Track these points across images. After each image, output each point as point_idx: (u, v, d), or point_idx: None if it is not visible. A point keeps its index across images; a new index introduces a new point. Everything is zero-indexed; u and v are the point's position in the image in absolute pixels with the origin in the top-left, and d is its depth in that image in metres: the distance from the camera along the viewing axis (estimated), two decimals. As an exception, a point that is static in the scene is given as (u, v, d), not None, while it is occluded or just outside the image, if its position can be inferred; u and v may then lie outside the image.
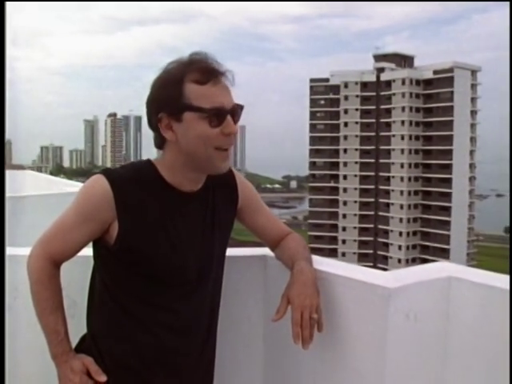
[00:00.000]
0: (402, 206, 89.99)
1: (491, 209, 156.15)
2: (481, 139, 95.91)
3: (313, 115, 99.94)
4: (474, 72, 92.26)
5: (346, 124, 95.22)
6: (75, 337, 2.01)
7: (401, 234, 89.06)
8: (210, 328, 2.05)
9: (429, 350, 2.00)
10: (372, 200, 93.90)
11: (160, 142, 1.94)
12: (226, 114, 1.85)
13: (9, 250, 2.41)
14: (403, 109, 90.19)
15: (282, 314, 1.89)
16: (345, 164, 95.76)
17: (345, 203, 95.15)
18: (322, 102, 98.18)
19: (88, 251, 1.99)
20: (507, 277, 1.95)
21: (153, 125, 1.91)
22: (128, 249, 1.86)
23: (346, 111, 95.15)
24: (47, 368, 2.25)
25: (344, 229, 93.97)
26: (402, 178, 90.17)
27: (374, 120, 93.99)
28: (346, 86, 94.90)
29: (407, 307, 1.92)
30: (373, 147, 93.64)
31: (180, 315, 1.95)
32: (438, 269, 2.14)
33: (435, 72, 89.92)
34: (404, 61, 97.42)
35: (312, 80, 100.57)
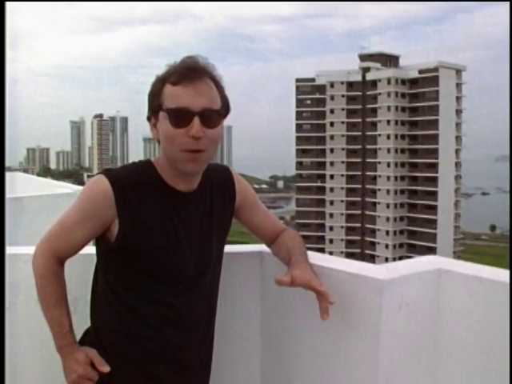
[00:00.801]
0: (388, 205, 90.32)
1: (477, 207, 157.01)
2: (466, 138, 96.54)
3: (299, 115, 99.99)
4: (458, 71, 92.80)
5: (332, 124, 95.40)
6: (77, 331, 2.07)
7: (387, 232, 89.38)
8: (208, 324, 2.12)
9: (420, 339, 2.09)
10: (359, 199, 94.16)
11: (156, 141, 2.01)
12: (191, 116, 1.86)
13: (9, 249, 2.45)
14: (389, 108, 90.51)
15: (285, 282, 1.91)
16: (331, 164, 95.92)
17: (332, 203, 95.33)
18: (308, 101, 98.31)
19: (88, 249, 2.06)
20: (493, 268, 2.09)
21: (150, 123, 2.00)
22: (128, 246, 1.92)
23: (332, 111, 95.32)
24: (47, 363, 2.34)
25: (331, 228, 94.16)
26: (388, 178, 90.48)
27: (360, 119, 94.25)
28: (331, 85, 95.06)
29: (399, 298, 2.01)
30: (359, 147, 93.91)
31: (180, 311, 2.00)
32: (427, 262, 2.23)
33: (420, 71, 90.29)
34: (389, 60, 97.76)
35: (298, 80, 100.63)
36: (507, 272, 2.01)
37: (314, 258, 2.18)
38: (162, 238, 1.96)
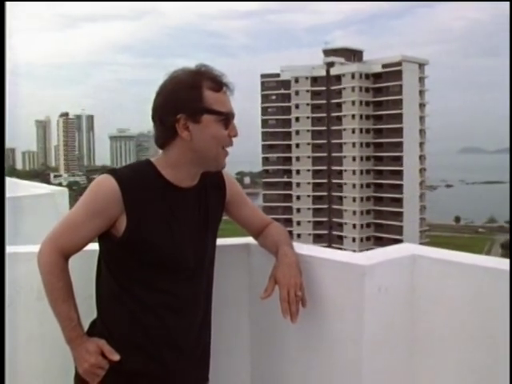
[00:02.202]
0: (354, 199, 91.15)
1: (441, 199, 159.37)
2: (429, 131, 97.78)
3: (264, 111, 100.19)
4: (421, 65, 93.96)
5: (297, 119, 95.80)
6: (83, 323, 2.16)
7: (354, 226, 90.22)
8: (206, 311, 2.28)
9: (398, 319, 2.29)
10: (325, 194, 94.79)
11: (165, 141, 2.14)
12: (232, 119, 2.15)
13: (8, 249, 2.52)
14: (353, 103, 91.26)
15: (269, 293, 2.17)
16: (297, 159, 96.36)
17: (298, 198, 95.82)
18: (274, 97, 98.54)
19: (90, 244, 2.18)
20: (462, 253, 2.34)
21: (165, 124, 2.11)
22: (135, 240, 2.07)
23: (297, 106, 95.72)
24: (47, 358, 2.47)
25: (298, 223, 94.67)
26: (354, 172, 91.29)
27: (325, 114, 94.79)
28: (296, 80, 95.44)
29: (379, 282, 2.20)
30: (324, 141, 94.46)
31: (181, 299, 2.17)
32: (402, 248, 2.46)
33: (384, 66, 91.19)
34: (353, 55, 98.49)
35: (263, 75, 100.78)
36: (475, 255, 2.32)
37: (299, 248, 2.36)
38: (166, 231, 2.13)
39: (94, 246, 2.19)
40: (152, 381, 2.15)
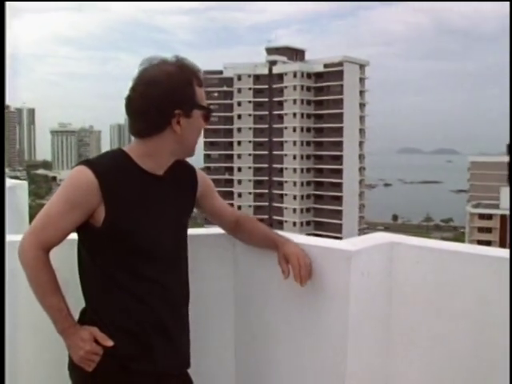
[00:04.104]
0: (295, 197, 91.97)
1: (379, 198, 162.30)
2: (369, 131, 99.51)
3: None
4: (362, 66, 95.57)
5: (239, 116, 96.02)
6: (72, 311, 2.20)
7: (295, 224, 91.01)
8: (186, 296, 2.34)
9: (378, 300, 2.47)
10: (266, 191, 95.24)
11: (149, 132, 2.17)
12: None
13: (8, 237, 2.55)
14: (295, 101, 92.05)
15: (287, 272, 2.32)
16: (239, 156, 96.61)
17: (239, 195, 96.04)
18: (216, 94, 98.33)
19: (73, 234, 2.21)
20: (432, 240, 2.60)
21: (156, 118, 2.15)
22: (115, 229, 2.10)
23: (239, 104, 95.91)
24: (47, 345, 2.49)
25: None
26: (294, 170, 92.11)
27: (266, 112, 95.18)
28: (239, 78, 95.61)
29: (363, 266, 2.37)
30: (266, 139, 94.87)
31: (164, 285, 2.21)
32: (381, 237, 2.63)
33: (325, 65, 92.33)
34: (295, 54, 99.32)
35: (205, 72, 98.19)
36: (446, 242, 2.59)
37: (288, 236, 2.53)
38: (145, 219, 2.17)
39: (72, 236, 2.20)
40: (142, 365, 2.18)
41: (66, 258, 2.28)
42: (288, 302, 2.53)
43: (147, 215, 2.17)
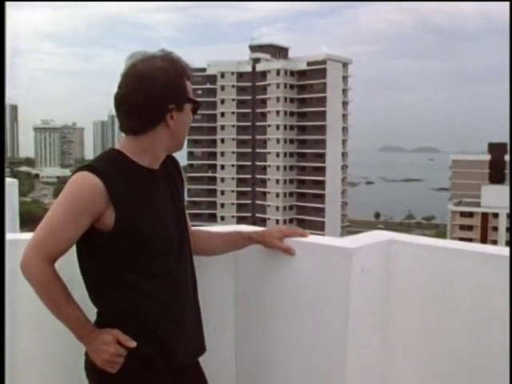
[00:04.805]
0: (278, 195, 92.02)
1: (362, 196, 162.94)
2: (352, 129, 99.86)
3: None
4: (345, 64, 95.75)
5: (222, 114, 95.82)
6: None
7: (277, 221, 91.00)
8: (194, 286, 2.36)
9: (377, 296, 2.54)
10: (249, 189, 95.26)
11: (143, 128, 2.17)
12: None
13: (8, 236, 2.54)
14: (278, 99, 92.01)
15: (291, 248, 2.48)
16: (222, 154, 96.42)
17: (223, 193, 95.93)
18: (199, 91, 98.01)
19: None
20: (428, 238, 2.73)
21: (155, 114, 2.16)
22: (127, 229, 2.10)
23: (222, 101, 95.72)
24: (46, 343, 2.54)
25: (222, 218, 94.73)
26: (277, 167, 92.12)
27: (250, 110, 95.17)
28: (222, 76, 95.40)
29: (362, 263, 2.43)
30: (249, 137, 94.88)
31: (175, 278, 2.23)
32: (378, 234, 2.71)
33: (309, 63, 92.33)
34: (279, 52, 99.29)
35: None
36: (444, 240, 2.68)
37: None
38: (150, 213, 2.18)
39: None
40: (161, 363, 2.19)
41: (68, 256, 2.26)
42: (288, 301, 2.58)
43: (152, 210, 2.18)
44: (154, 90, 2.13)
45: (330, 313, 2.45)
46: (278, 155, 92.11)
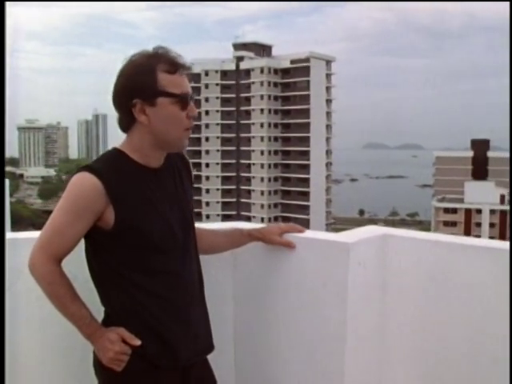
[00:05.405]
0: (262, 193, 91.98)
1: (346, 193, 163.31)
2: (335, 126, 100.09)
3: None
4: (328, 62, 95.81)
5: (207, 112, 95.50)
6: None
7: (263, 219, 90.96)
8: (200, 281, 2.38)
9: (373, 289, 2.62)
10: (234, 187, 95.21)
11: (127, 125, 2.19)
12: (189, 100, 2.18)
13: (8, 235, 2.55)
14: (262, 97, 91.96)
15: (291, 242, 2.54)
16: (207, 152, 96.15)
17: (207, 191, 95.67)
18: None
19: None
20: (422, 232, 2.82)
21: (124, 109, 2.16)
22: (127, 228, 2.11)
23: (206, 99, 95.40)
24: (47, 342, 2.55)
25: (208, 216, 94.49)
26: (262, 165, 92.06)
27: (234, 108, 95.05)
28: (206, 74, 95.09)
29: (359, 257, 2.50)
30: (234, 135, 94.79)
31: (180, 276, 2.24)
32: (373, 229, 2.79)
33: (292, 61, 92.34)
34: (262, 50, 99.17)
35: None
36: (437, 234, 2.73)
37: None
38: (153, 213, 2.18)
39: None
40: (166, 361, 2.20)
41: (72, 254, 2.28)
42: (287, 294, 2.64)
43: (153, 209, 2.18)
44: (119, 86, 2.16)
45: (329, 305, 2.51)
46: (262, 153, 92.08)
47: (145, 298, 2.17)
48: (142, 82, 2.11)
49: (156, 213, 2.19)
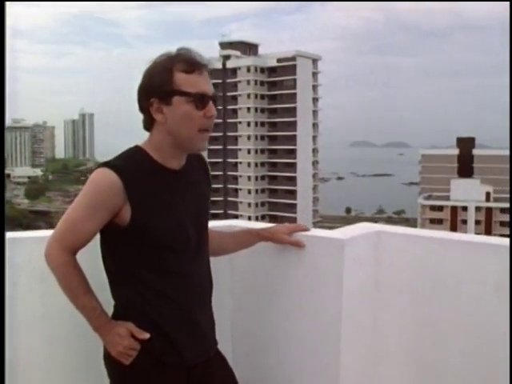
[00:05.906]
0: (250, 191, 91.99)
1: (333, 191, 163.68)
2: (322, 125, 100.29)
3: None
4: (314, 61, 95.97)
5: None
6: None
7: (250, 218, 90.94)
8: (210, 283, 2.39)
9: (367, 283, 2.67)
10: (221, 186, 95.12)
11: (149, 125, 2.23)
12: (208, 100, 2.19)
13: (8, 234, 2.56)
14: (249, 96, 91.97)
15: (300, 241, 2.56)
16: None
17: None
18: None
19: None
20: (414, 228, 2.89)
21: (144, 109, 2.20)
22: (143, 227, 2.14)
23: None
24: (50, 340, 2.56)
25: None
26: (249, 164, 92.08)
27: (220, 107, 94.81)
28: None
29: (354, 253, 2.56)
30: (220, 134, 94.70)
31: (190, 277, 2.25)
32: (367, 226, 2.83)
33: (279, 60, 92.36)
34: (249, 48, 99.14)
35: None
36: (429, 230, 2.83)
37: None
38: (169, 213, 2.20)
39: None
40: (173, 359, 2.23)
41: (87, 253, 2.30)
42: (284, 289, 2.67)
43: (169, 209, 2.20)
44: (140, 86, 2.22)
45: (325, 299, 2.56)
46: (249, 152, 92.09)
47: (154, 298, 2.20)
48: (159, 82, 2.15)
49: (171, 213, 2.21)
